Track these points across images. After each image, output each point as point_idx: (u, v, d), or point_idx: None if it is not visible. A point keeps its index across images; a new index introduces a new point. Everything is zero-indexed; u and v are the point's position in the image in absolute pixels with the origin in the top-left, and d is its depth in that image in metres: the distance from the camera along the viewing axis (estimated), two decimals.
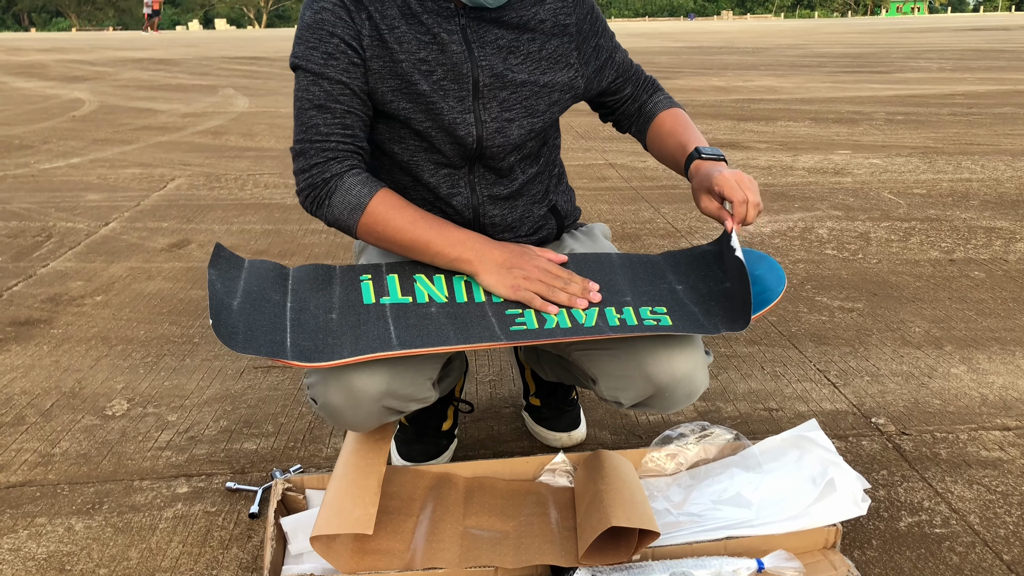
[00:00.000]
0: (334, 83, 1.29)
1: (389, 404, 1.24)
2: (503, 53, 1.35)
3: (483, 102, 1.35)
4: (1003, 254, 3.01)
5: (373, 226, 1.30)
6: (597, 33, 1.45)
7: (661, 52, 16.65)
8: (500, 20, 1.34)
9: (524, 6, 1.36)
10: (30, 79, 12.03)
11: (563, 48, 1.40)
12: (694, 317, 1.27)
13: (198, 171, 4.80)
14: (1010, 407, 1.87)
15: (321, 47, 1.29)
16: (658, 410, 1.35)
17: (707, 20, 71.42)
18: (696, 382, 1.29)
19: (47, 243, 3.30)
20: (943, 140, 5.51)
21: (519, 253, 1.31)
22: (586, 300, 1.25)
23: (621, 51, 1.53)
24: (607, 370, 1.33)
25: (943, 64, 12.17)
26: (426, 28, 1.31)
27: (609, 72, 1.50)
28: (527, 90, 1.37)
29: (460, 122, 1.34)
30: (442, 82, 1.32)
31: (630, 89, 1.55)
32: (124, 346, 2.27)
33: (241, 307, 1.20)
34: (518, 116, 1.37)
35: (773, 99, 8.06)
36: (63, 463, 1.68)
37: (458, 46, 1.32)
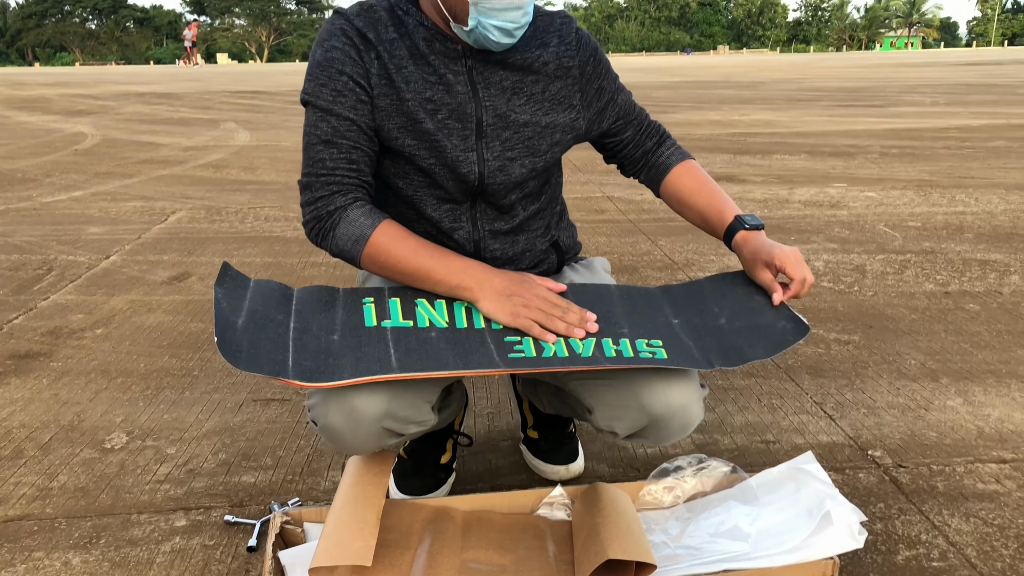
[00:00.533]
0: (342, 119, 1.33)
1: (388, 426, 1.25)
2: (507, 94, 1.39)
3: (486, 141, 1.38)
4: (997, 287, 3.03)
5: (376, 256, 1.33)
6: (600, 75, 1.48)
7: (658, 87, 16.82)
8: (505, 62, 1.38)
9: (528, 49, 1.40)
10: (34, 113, 12.14)
11: (566, 90, 1.44)
12: (688, 351, 1.28)
13: (199, 204, 4.84)
14: (1006, 440, 1.88)
15: (331, 84, 1.33)
16: (653, 441, 1.36)
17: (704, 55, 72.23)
18: (691, 414, 1.30)
19: (48, 276, 3.32)
20: (937, 173, 5.56)
21: (519, 281, 1.33)
22: (583, 330, 1.27)
23: (624, 94, 1.55)
24: (603, 400, 1.34)
25: (937, 98, 12.30)
26: (433, 68, 1.35)
27: (610, 114, 1.52)
28: (529, 130, 1.40)
29: (463, 160, 1.37)
30: (447, 121, 1.36)
31: (630, 132, 1.56)
32: (124, 379, 2.28)
33: (246, 326, 1.22)
34: (520, 155, 1.41)
35: (769, 133, 8.13)
36: (61, 497, 1.69)
37: (463, 87, 1.36)
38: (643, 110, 1.59)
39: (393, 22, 1.36)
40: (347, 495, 1.32)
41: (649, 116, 1.60)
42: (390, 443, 1.32)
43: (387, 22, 1.36)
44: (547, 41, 1.42)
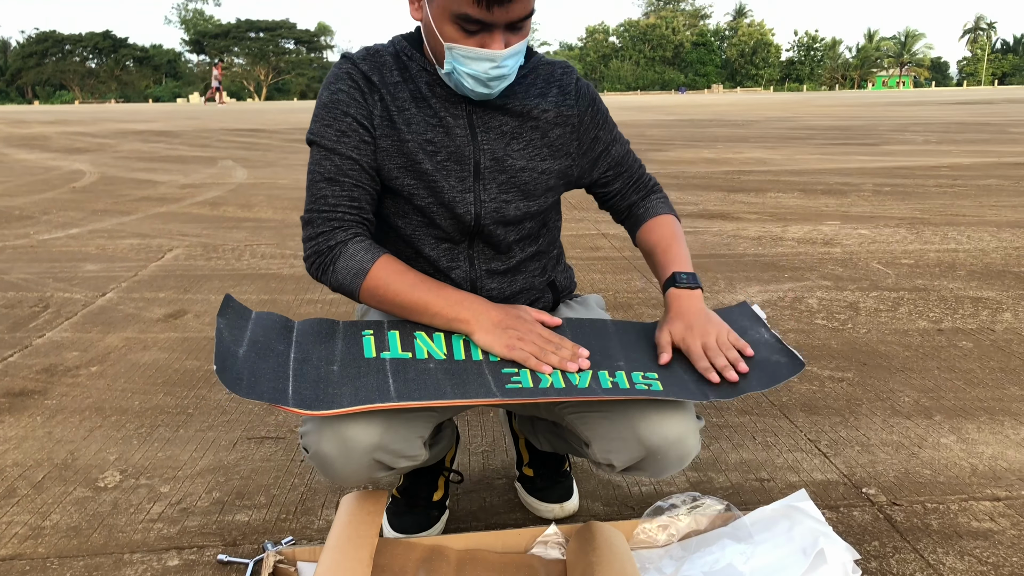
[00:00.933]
0: (345, 159, 1.38)
1: (380, 458, 1.26)
2: (506, 139, 1.42)
3: (483, 183, 1.42)
4: (990, 324, 3.05)
5: (375, 290, 1.36)
6: (597, 125, 1.52)
7: (653, 125, 17.00)
8: (505, 108, 1.42)
9: (528, 96, 1.44)
10: (32, 151, 12.21)
11: (564, 138, 1.48)
12: (684, 383, 1.30)
13: (196, 242, 4.86)
14: (1000, 477, 1.88)
15: (335, 125, 1.38)
16: (650, 474, 1.37)
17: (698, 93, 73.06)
18: (688, 446, 1.31)
19: (44, 313, 3.32)
20: (930, 211, 5.61)
21: (514, 315, 1.35)
22: (576, 364, 1.29)
23: (620, 145, 1.58)
24: (600, 433, 1.35)
25: (928, 137, 12.44)
26: (434, 111, 1.39)
27: (602, 164, 1.55)
28: (525, 175, 1.44)
29: (459, 200, 1.41)
30: (445, 163, 1.40)
31: (619, 185, 1.59)
32: (118, 417, 2.28)
33: (247, 355, 1.25)
34: (515, 198, 1.44)
35: (763, 171, 8.21)
36: (54, 536, 1.68)
37: (463, 130, 1.40)
38: (638, 163, 1.62)
39: (398, 66, 1.41)
40: (340, 534, 1.32)
41: (644, 170, 1.63)
42: (380, 476, 1.32)
43: (392, 66, 1.40)
44: (547, 91, 1.46)
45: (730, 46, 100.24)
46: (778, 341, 1.42)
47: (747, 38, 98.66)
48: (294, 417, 2.24)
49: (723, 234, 4.91)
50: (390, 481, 1.35)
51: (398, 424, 1.26)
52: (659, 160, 9.21)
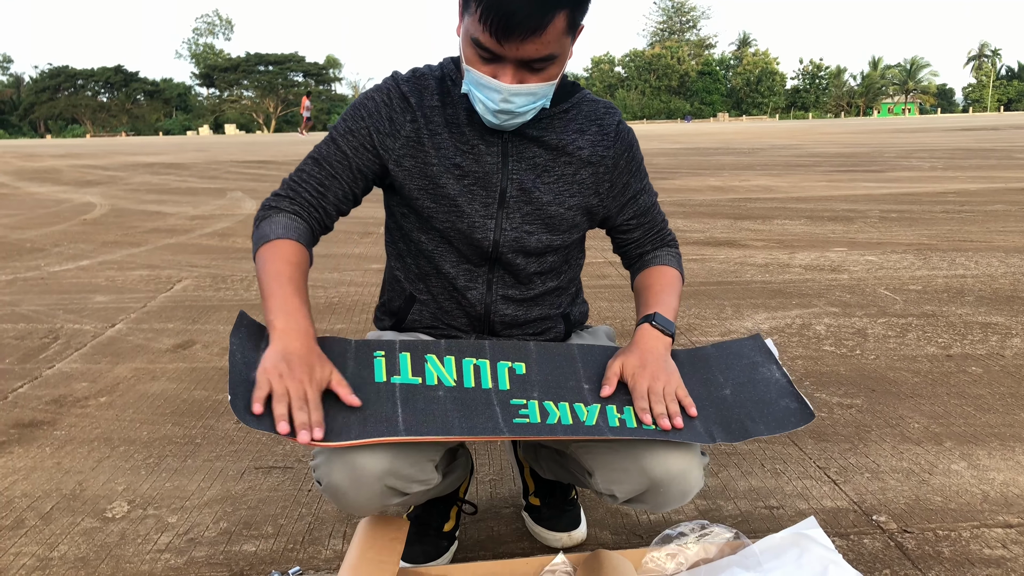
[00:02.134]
0: (339, 150, 1.43)
1: (391, 484, 1.25)
2: (537, 171, 1.44)
3: (507, 211, 1.43)
4: (999, 349, 3.04)
5: (258, 261, 1.37)
6: (630, 172, 1.52)
7: (659, 154, 17.07)
8: (541, 140, 1.44)
9: (567, 132, 1.45)
10: (44, 184, 12.34)
11: (595, 178, 1.48)
12: (691, 424, 1.30)
13: (205, 272, 4.89)
14: (1011, 504, 1.87)
15: (349, 122, 1.44)
16: (652, 507, 1.36)
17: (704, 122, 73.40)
18: (690, 481, 1.31)
19: (54, 344, 3.34)
20: (937, 237, 5.61)
21: (307, 363, 1.21)
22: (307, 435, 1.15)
23: (648, 196, 1.57)
24: (604, 463, 1.35)
25: (935, 163, 12.46)
26: (467, 139, 1.41)
27: (628, 210, 1.55)
28: (551, 209, 1.45)
29: (479, 225, 1.43)
30: (472, 187, 1.42)
31: (639, 234, 1.58)
32: (126, 447, 2.28)
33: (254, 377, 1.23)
34: (538, 230, 1.45)
35: (769, 198, 8.22)
36: (61, 567, 1.68)
37: (494, 157, 1.42)
38: (662, 216, 1.61)
39: (440, 90, 1.43)
40: (361, 557, 1.31)
41: (666, 224, 1.62)
42: (394, 502, 1.32)
43: (434, 90, 1.43)
44: (586, 128, 1.46)
45: (735, 75, 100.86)
46: (789, 383, 1.42)
47: (752, 67, 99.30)
48: (302, 447, 2.24)
49: (730, 261, 4.91)
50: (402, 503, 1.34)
51: (408, 449, 1.26)
52: (666, 188, 9.24)
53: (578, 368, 1.40)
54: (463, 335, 1.53)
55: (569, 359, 1.42)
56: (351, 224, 6.61)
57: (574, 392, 1.35)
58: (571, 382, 1.37)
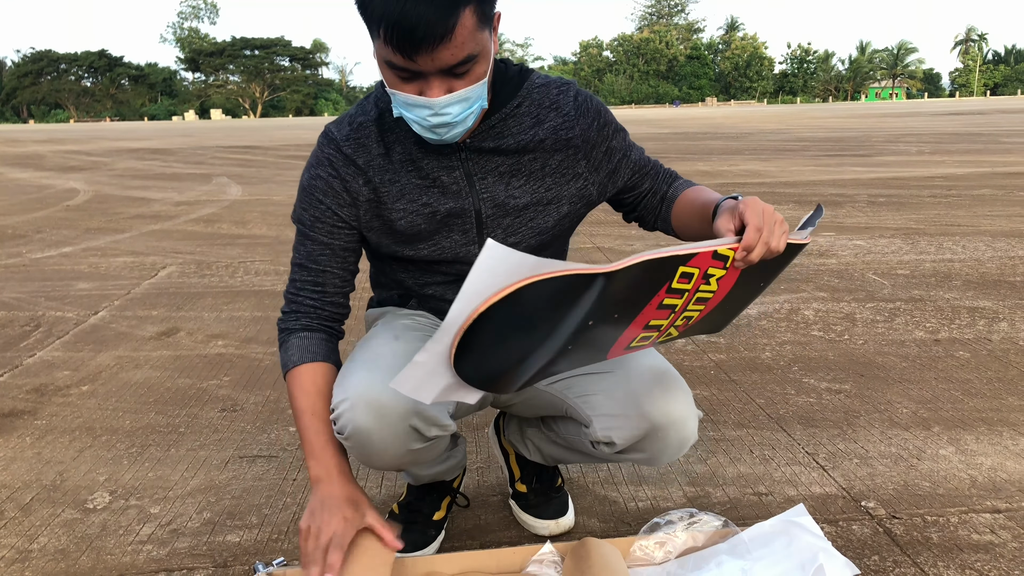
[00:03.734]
0: (316, 244, 1.41)
1: (415, 424, 1.30)
2: (505, 179, 1.38)
3: (488, 231, 1.40)
4: (987, 334, 3.04)
5: (288, 391, 1.41)
6: (607, 137, 1.43)
7: (648, 138, 17.05)
8: (499, 149, 1.37)
9: (522, 130, 1.37)
10: (26, 169, 12.20)
11: (568, 160, 1.40)
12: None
13: (189, 259, 4.84)
14: (999, 489, 1.86)
15: (311, 210, 1.40)
16: (649, 457, 1.39)
17: (692, 106, 73.35)
18: (688, 429, 1.35)
19: (35, 332, 3.30)
20: (924, 221, 5.62)
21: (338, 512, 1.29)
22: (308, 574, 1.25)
23: (636, 150, 1.51)
24: (602, 410, 1.38)
25: (922, 147, 12.49)
26: (425, 173, 1.36)
27: (624, 172, 1.48)
28: (531, 211, 1.41)
29: (464, 255, 1.42)
30: (446, 219, 1.39)
31: (648, 183, 1.51)
32: (108, 436, 2.25)
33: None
34: (524, 238, 1.42)
35: (757, 183, 8.22)
36: (40, 559, 1.65)
37: (458, 184, 1.37)
38: (657, 161, 1.55)
39: (381, 134, 1.36)
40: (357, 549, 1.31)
41: (663, 166, 1.55)
42: (416, 447, 1.34)
43: (376, 138, 1.36)
44: (543, 118, 1.38)
45: (724, 59, 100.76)
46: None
47: (740, 51, 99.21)
48: (287, 435, 2.22)
49: None
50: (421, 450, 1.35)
51: None
52: None
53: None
54: None
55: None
56: None
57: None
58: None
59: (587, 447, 1.47)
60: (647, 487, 1.91)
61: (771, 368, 2.72)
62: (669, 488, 1.91)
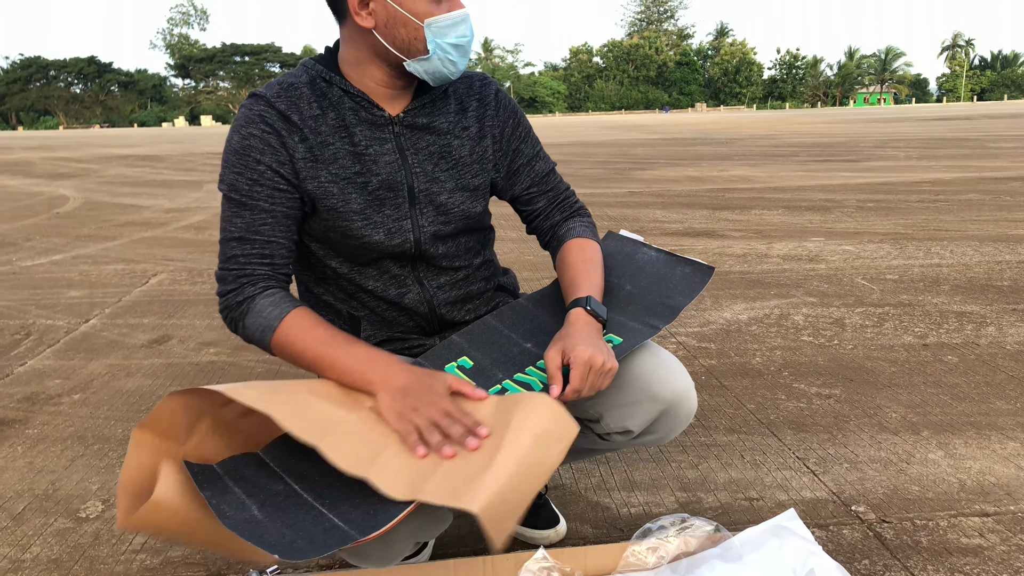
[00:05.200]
0: (256, 212, 1.30)
1: (419, 538, 1.24)
2: (434, 159, 1.40)
3: (419, 207, 1.39)
4: (975, 338, 3.06)
5: (283, 346, 1.28)
6: (519, 138, 1.50)
7: (637, 144, 17.09)
8: (431, 127, 1.40)
9: (449, 113, 1.42)
10: (15, 176, 12.15)
11: (487, 151, 1.46)
12: (634, 330, 1.37)
13: (180, 266, 4.83)
14: (988, 492, 1.88)
15: (247, 173, 1.30)
16: (662, 435, 1.42)
17: (681, 112, 73.57)
18: (692, 399, 1.39)
19: (26, 341, 3.29)
20: (913, 226, 5.65)
21: (425, 385, 1.20)
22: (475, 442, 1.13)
23: (544, 162, 1.53)
24: (611, 403, 1.39)
25: (910, 152, 12.56)
26: (358, 141, 1.35)
27: (524, 179, 1.51)
28: (460, 195, 1.42)
29: (396, 229, 1.38)
30: (377, 191, 1.36)
31: (543, 203, 1.54)
32: (101, 445, 2.25)
33: (268, 515, 1.08)
34: (454, 219, 1.42)
35: (747, 188, 8.25)
36: (34, 569, 1.65)
37: (391, 155, 1.37)
38: (564, 185, 1.57)
39: (316, 96, 1.33)
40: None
41: (571, 193, 1.57)
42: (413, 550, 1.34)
43: (309, 98, 1.33)
44: (467, 104, 1.44)
45: (713, 65, 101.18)
46: (670, 254, 1.51)
47: (730, 57, 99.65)
48: None
49: (708, 252, 4.93)
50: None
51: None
52: (643, 179, 9.25)
53: (508, 334, 1.42)
54: (418, 338, 1.50)
55: (494, 330, 1.43)
56: None
57: (525, 356, 1.37)
58: (514, 349, 1.38)
59: (593, 442, 1.47)
60: (639, 493, 1.92)
61: (761, 373, 2.74)
62: (661, 493, 1.92)
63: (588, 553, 1.44)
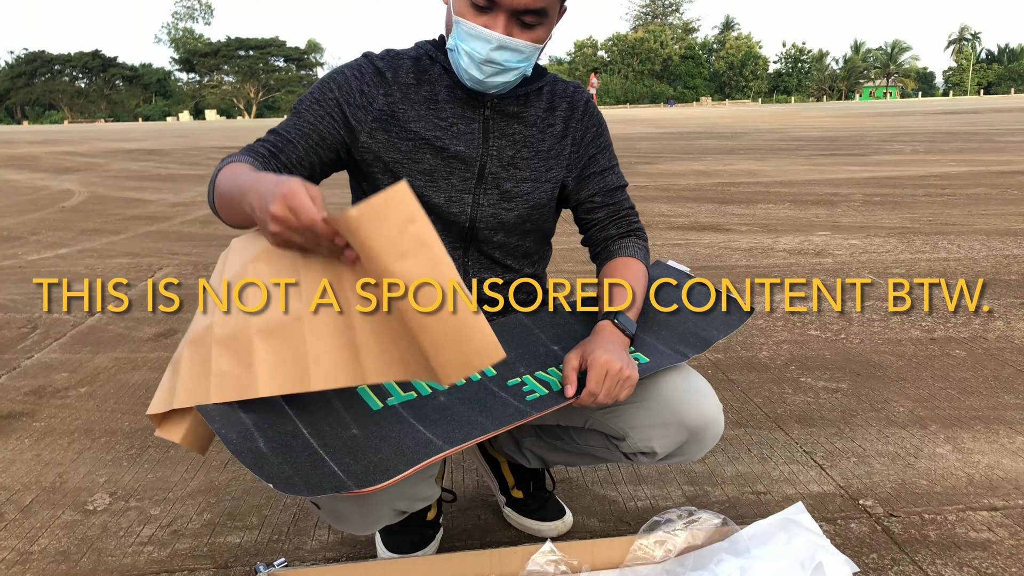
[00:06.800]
0: (300, 119, 1.37)
1: (399, 506, 1.27)
2: (516, 147, 1.44)
3: (484, 187, 1.42)
4: (982, 332, 3.05)
5: (217, 188, 1.22)
6: (598, 148, 1.53)
7: (643, 138, 17.05)
8: (520, 116, 1.45)
9: (540, 108, 1.46)
10: (21, 171, 12.17)
11: (565, 151, 1.49)
12: (662, 352, 1.39)
13: (186, 260, 4.84)
14: (996, 487, 1.87)
15: (316, 94, 1.38)
16: (687, 458, 1.42)
17: (687, 106, 73.46)
18: (720, 423, 1.39)
19: (32, 334, 3.29)
20: (919, 220, 5.63)
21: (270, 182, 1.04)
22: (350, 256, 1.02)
23: (616, 178, 1.55)
24: (637, 422, 1.39)
25: (916, 146, 12.52)
26: (446, 115, 1.40)
27: (592, 186, 1.52)
28: (528, 185, 1.45)
29: (455, 200, 1.41)
30: (451, 160, 1.40)
31: (603, 214, 1.54)
32: (108, 438, 2.25)
33: (271, 449, 1.11)
34: (517, 207, 1.45)
35: (753, 182, 8.23)
36: (41, 561, 1.65)
37: (475, 134, 1.41)
38: (629, 204, 1.57)
39: (415, 69, 1.41)
40: None
41: (634, 214, 1.57)
42: (395, 521, 1.33)
43: (409, 68, 1.41)
44: (557, 104, 1.49)
45: (718, 59, 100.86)
46: (714, 289, 1.54)
47: (735, 51, 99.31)
48: None
49: (714, 246, 4.91)
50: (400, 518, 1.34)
51: None
52: (649, 173, 9.23)
53: (537, 334, 1.43)
54: None
55: (526, 328, 1.45)
56: None
57: (550, 357, 1.38)
58: (541, 348, 1.40)
59: (613, 456, 1.47)
60: (646, 486, 1.92)
61: (768, 367, 2.73)
62: (668, 487, 1.92)
63: (595, 546, 1.44)
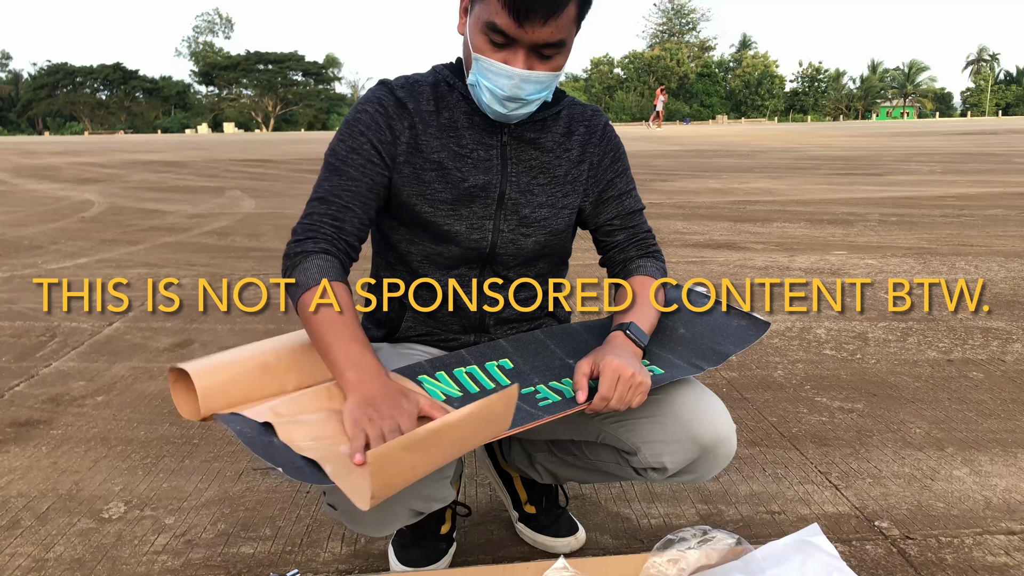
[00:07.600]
0: (344, 178, 1.38)
1: (415, 506, 1.27)
2: (533, 173, 1.45)
3: (504, 213, 1.44)
4: (1000, 354, 3.03)
5: (303, 309, 1.29)
6: (616, 172, 1.53)
7: (658, 155, 17.06)
8: (537, 143, 1.45)
9: (558, 133, 1.47)
10: (42, 181, 12.30)
11: (583, 176, 1.50)
12: (673, 363, 1.39)
13: (203, 271, 4.87)
14: (1014, 510, 1.86)
15: (349, 141, 1.39)
16: (698, 476, 1.42)
17: (703, 124, 73.42)
18: (732, 443, 1.39)
19: (51, 343, 3.32)
20: (936, 241, 5.60)
21: (392, 401, 1.17)
22: None
23: (634, 201, 1.56)
24: (649, 437, 1.38)
25: (934, 167, 12.46)
26: (465, 142, 1.41)
27: (610, 210, 1.54)
28: (546, 211, 1.46)
29: (478, 226, 1.42)
30: (470, 189, 1.41)
31: (622, 237, 1.55)
32: (123, 447, 2.27)
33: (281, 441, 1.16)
34: (535, 232, 1.46)
35: (769, 200, 8.22)
36: (57, 568, 1.66)
37: (493, 160, 1.42)
38: (646, 227, 1.58)
39: (435, 96, 1.42)
40: None
41: (652, 236, 1.59)
42: (410, 522, 1.33)
43: (429, 95, 1.42)
44: (574, 129, 1.49)
45: (735, 77, 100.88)
46: (730, 307, 1.52)
47: (751, 69, 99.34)
48: None
49: (730, 264, 4.90)
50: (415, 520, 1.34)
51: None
52: (665, 190, 9.23)
53: (553, 348, 1.45)
54: (456, 340, 1.52)
55: (541, 343, 1.47)
56: None
57: (565, 370, 1.39)
58: (556, 362, 1.42)
59: (624, 472, 1.47)
60: (660, 504, 1.91)
61: (783, 387, 2.72)
62: (682, 505, 1.91)
63: (608, 563, 1.44)
